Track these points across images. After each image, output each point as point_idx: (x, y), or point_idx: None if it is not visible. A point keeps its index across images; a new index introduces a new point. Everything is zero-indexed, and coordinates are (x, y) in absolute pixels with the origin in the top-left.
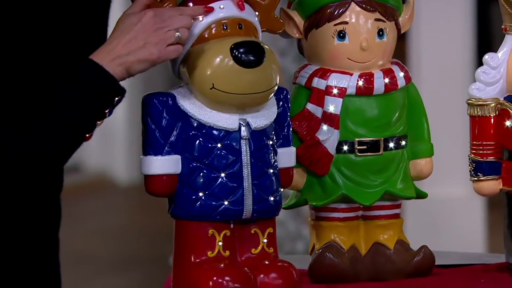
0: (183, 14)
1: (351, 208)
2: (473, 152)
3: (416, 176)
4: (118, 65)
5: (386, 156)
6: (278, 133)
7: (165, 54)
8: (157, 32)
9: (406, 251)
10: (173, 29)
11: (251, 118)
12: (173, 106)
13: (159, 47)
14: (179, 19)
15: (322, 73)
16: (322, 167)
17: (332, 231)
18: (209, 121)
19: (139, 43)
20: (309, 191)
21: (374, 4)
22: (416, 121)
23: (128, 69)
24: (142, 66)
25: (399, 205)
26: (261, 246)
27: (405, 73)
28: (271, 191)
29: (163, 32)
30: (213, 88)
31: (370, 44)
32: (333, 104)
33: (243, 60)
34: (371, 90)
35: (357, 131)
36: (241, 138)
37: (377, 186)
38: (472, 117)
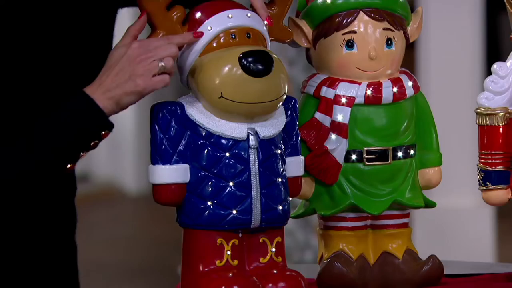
0: (170, 42)
1: (359, 217)
2: (481, 161)
3: (425, 185)
4: (108, 98)
5: (394, 165)
6: (287, 142)
7: (150, 85)
8: (141, 63)
9: (414, 260)
10: (158, 59)
11: (260, 127)
12: (181, 115)
13: (144, 78)
14: (164, 49)
15: (330, 82)
16: (331, 177)
17: (341, 240)
18: (217, 130)
19: (125, 76)
20: (318, 200)
21: (383, 13)
22: (424, 130)
23: (118, 102)
24: (131, 98)
25: (407, 214)
26: (269, 255)
27: (413, 82)
28: (279, 200)
29: (147, 63)
30: (221, 97)
31: (379, 53)
32: (341, 113)
33: (252, 69)
34: (379, 99)
35: (366, 140)
36: (249, 147)
37: (386, 195)
38: (481, 126)
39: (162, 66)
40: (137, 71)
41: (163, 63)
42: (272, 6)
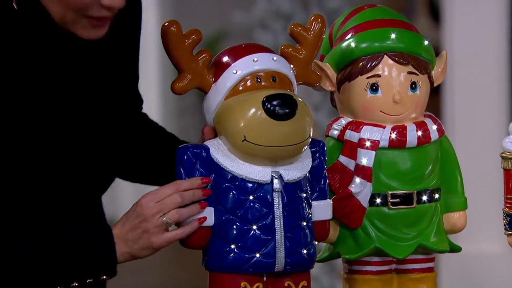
0: (177, 190)
1: (384, 261)
2: (507, 205)
3: (450, 229)
4: (126, 252)
5: (419, 209)
6: (314, 186)
7: (164, 241)
8: (150, 221)
9: None
10: (163, 215)
11: (284, 171)
12: (206, 159)
13: (157, 235)
14: (169, 201)
15: (355, 125)
16: (355, 220)
17: (366, 284)
18: (241, 174)
19: (139, 232)
20: (342, 244)
21: (407, 57)
22: (449, 174)
23: (135, 256)
24: (146, 252)
25: (432, 258)
26: None
27: (438, 126)
28: (304, 243)
29: (155, 220)
30: (245, 141)
31: (403, 97)
32: (366, 156)
33: (276, 112)
34: (404, 143)
35: (390, 184)
36: (273, 191)
37: (411, 239)
38: (506, 170)
39: (168, 223)
40: (148, 228)
41: (167, 219)
42: (300, 50)
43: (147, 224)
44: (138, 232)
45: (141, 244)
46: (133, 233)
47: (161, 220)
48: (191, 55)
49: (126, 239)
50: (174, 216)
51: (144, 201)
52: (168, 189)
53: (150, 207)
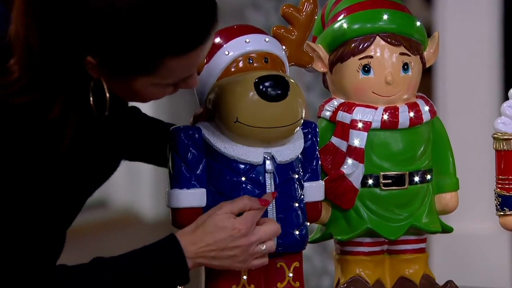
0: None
1: (376, 242)
2: (499, 186)
3: (442, 210)
4: (199, 262)
5: (411, 190)
6: (306, 167)
7: (247, 267)
8: (247, 250)
9: (431, 285)
10: (261, 243)
11: (276, 152)
12: (199, 140)
13: (245, 262)
14: (266, 230)
15: (347, 107)
16: (347, 201)
17: (357, 265)
18: (234, 155)
19: (227, 254)
20: (334, 225)
21: (399, 38)
22: (441, 155)
23: (206, 266)
24: (221, 268)
25: (424, 239)
26: (286, 281)
27: (430, 107)
28: (296, 225)
29: (252, 249)
30: (237, 122)
31: (395, 78)
32: (358, 138)
33: (268, 94)
34: (396, 124)
35: (382, 165)
36: (265, 172)
37: (402, 220)
38: (498, 151)
39: (265, 250)
40: (240, 255)
41: (266, 247)
42: (292, 31)
43: (241, 253)
44: (227, 255)
45: (223, 264)
46: (219, 253)
47: (257, 249)
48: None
49: (204, 256)
50: (272, 247)
51: (244, 228)
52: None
53: (248, 236)
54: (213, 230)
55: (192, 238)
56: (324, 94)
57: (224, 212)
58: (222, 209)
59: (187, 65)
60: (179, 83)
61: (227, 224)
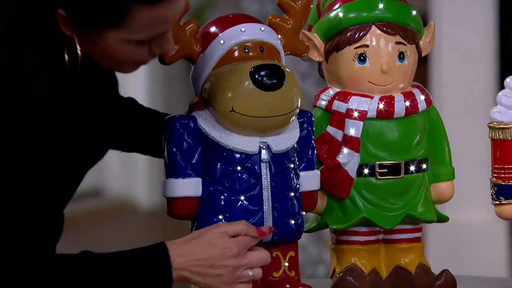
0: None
1: (372, 231)
2: (494, 175)
3: (437, 199)
4: (183, 275)
5: (407, 180)
6: (302, 156)
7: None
8: (234, 271)
9: (427, 275)
10: (249, 268)
11: (272, 141)
12: (194, 129)
13: (230, 284)
14: (257, 256)
15: (342, 96)
16: (343, 191)
17: (353, 254)
18: (229, 144)
19: (213, 272)
20: (330, 215)
21: (395, 27)
22: (437, 144)
23: (189, 281)
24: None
25: (420, 228)
26: (282, 270)
27: (426, 96)
28: (292, 214)
29: (239, 272)
30: (232, 111)
31: (391, 67)
32: (353, 127)
33: (263, 83)
34: (391, 113)
35: (378, 154)
36: (261, 161)
37: (398, 209)
38: (494, 140)
39: (251, 276)
40: (226, 276)
41: (253, 274)
42: (288, 20)
43: (228, 273)
44: (213, 273)
45: (207, 282)
46: (206, 270)
47: (245, 273)
48: (178, 25)
49: (191, 270)
50: (259, 275)
51: (234, 255)
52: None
53: (238, 258)
54: (205, 246)
55: (182, 250)
56: (320, 83)
57: (220, 231)
58: (218, 228)
59: (157, 19)
60: (153, 47)
61: (220, 242)
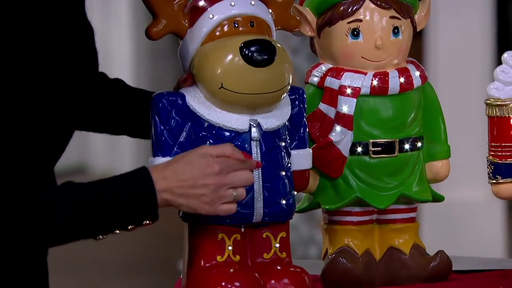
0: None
1: (365, 211)
2: (491, 153)
3: (433, 178)
4: (166, 199)
5: (401, 158)
6: (293, 134)
7: (214, 211)
8: (216, 190)
9: (422, 256)
10: (232, 188)
11: (262, 119)
12: (182, 106)
13: (213, 205)
14: (241, 176)
15: (335, 72)
16: (335, 170)
17: (346, 235)
18: (218, 122)
19: (195, 193)
20: (322, 194)
21: (389, 1)
22: (432, 121)
23: (172, 205)
24: (187, 210)
25: (414, 208)
26: (273, 251)
27: (421, 72)
28: (283, 194)
29: (222, 191)
30: (222, 88)
31: (385, 42)
32: (346, 104)
33: (254, 59)
34: (385, 90)
35: (372, 132)
36: (251, 139)
37: (392, 189)
38: (491, 117)
39: (235, 197)
40: (209, 196)
41: (236, 194)
42: None
43: (210, 193)
44: (195, 193)
45: (190, 204)
46: (187, 192)
47: (228, 193)
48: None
49: (173, 192)
50: (242, 196)
51: (216, 173)
52: (238, 164)
53: (220, 176)
54: (186, 166)
55: (164, 172)
56: (312, 57)
57: (202, 152)
58: (201, 149)
59: None
60: None
61: (202, 161)
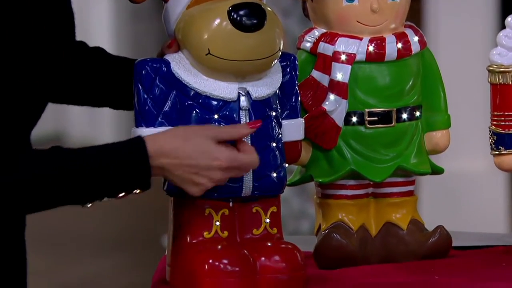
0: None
1: (360, 185)
2: (494, 123)
3: (432, 149)
4: (160, 172)
5: (398, 128)
6: (284, 103)
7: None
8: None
9: (420, 231)
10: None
11: (252, 87)
12: (166, 74)
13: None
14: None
15: (329, 37)
16: (329, 140)
17: (340, 210)
18: (205, 90)
19: (193, 180)
20: (315, 167)
21: None
22: (431, 89)
23: (165, 178)
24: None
25: (412, 181)
26: (263, 227)
27: (419, 37)
28: (273, 166)
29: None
30: (209, 54)
31: (382, 5)
32: (341, 71)
33: (242, 23)
34: (382, 56)
35: (367, 101)
36: (240, 109)
37: (389, 161)
38: (493, 85)
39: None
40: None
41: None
42: None
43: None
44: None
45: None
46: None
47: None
48: None
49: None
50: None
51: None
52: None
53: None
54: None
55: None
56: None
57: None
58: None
59: None
60: None
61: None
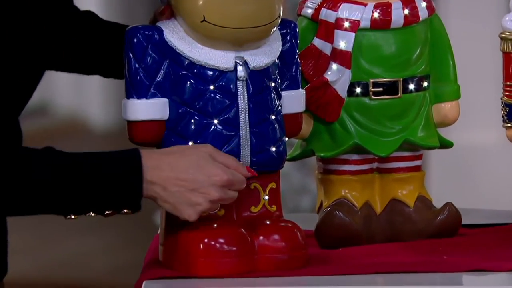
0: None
1: (364, 159)
2: (506, 94)
3: (440, 122)
4: (153, 191)
5: (405, 100)
6: (284, 73)
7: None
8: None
9: (428, 208)
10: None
11: (250, 56)
12: (159, 42)
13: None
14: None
15: (331, 3)
16: (331, 113)
17: (343, 186)
18: (200, 59)
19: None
20: (316, 140)
21: None
22: (440, 58)
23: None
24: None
25: (420, 156)
26: (261, 204)
27: (427, 3)
28: (273, 140)
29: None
30: (204, 21)
31: None
32: (344, 39)
33: None
34: (388, 23)
35: (372, 71)
36: (237, 79)
37: (395, 134)
38: (506, 53)
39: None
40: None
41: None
42: None
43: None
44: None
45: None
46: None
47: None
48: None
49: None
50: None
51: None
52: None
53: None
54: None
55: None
56: None
57: (209, 153)
58: (205, 148)
59: None
60: None
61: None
